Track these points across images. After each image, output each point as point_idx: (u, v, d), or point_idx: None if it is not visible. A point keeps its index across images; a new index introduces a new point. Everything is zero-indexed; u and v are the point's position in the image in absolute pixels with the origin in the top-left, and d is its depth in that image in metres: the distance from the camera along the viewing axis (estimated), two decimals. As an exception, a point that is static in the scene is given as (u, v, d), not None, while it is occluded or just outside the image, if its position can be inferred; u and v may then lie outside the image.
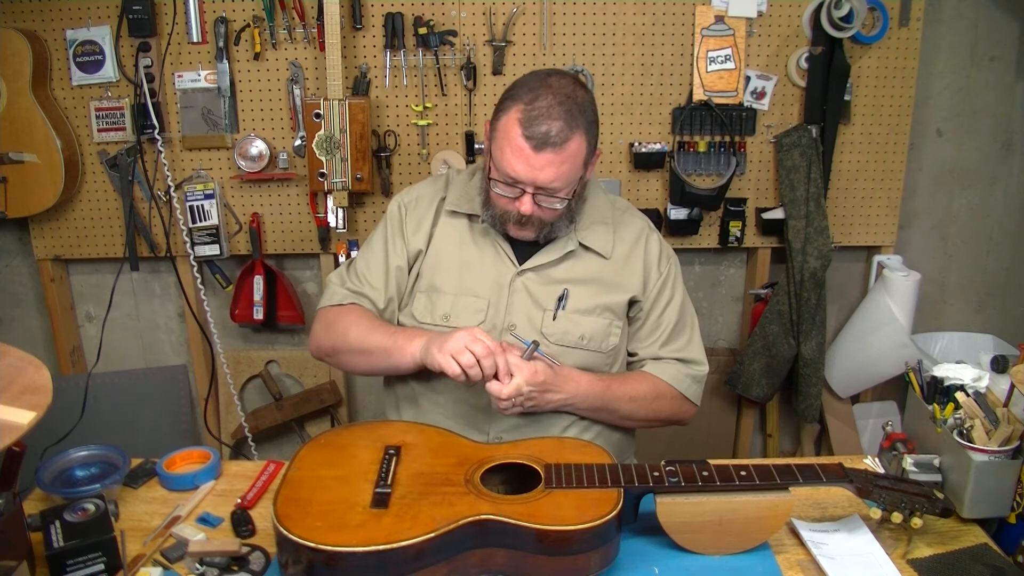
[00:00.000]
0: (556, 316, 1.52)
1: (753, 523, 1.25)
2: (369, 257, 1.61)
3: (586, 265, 1.55)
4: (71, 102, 2.32)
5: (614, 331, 1.56)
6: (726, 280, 2.67)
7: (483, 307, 1.52)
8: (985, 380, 1.48)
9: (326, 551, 1.10)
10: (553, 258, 1.54)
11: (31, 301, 2.60)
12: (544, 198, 1.43)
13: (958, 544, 1.31)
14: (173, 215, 2.38)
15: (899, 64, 2.38)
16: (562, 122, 1.37)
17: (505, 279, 1.53)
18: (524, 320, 1.52)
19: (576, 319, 1.53)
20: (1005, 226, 2.66)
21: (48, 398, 1.17)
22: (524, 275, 1.54)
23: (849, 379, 2.57)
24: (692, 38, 2.33)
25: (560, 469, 1.26)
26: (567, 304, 1.53)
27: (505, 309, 1.52)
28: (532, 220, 1.45)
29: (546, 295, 1.53)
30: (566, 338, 1.52)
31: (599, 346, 1.54)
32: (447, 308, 1.53)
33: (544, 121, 1.36)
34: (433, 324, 1.53)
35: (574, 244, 1.54)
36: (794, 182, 2.39)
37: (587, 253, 1.56)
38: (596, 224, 1.57)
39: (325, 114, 2.21)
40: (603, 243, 1.56)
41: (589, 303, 1.54)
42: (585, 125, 1.40)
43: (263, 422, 2.58)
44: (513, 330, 1.51)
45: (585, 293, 1.54)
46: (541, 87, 1.39)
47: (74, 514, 1.24)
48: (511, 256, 1.54)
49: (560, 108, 1.37)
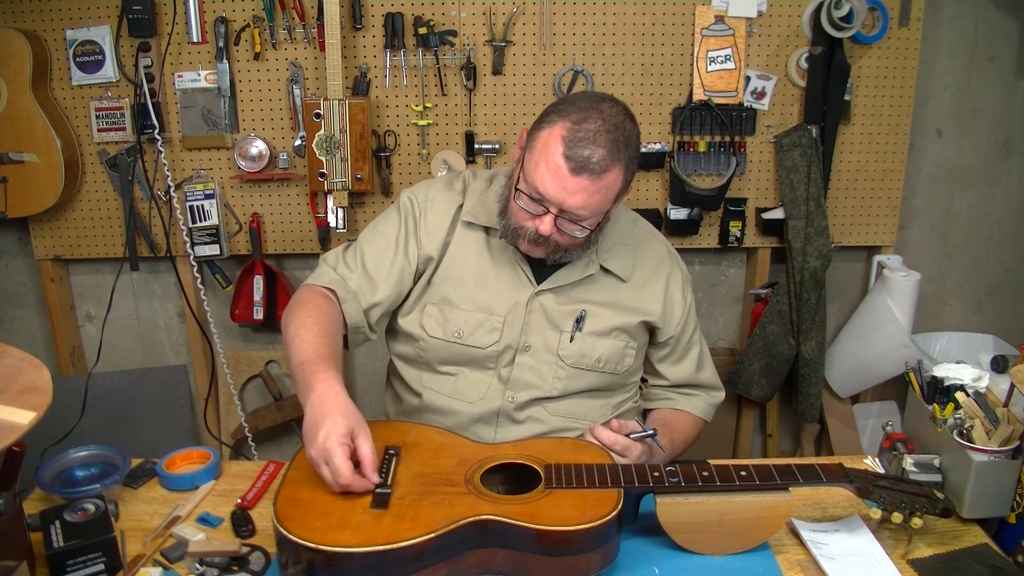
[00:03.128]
0: (573, 338, 1.50)
1: (753, 523, 1.25)
2: (378, 251, 1.54)
3: (605, 287, 1.53)
4: (71, 102, 2.32)
5: (629, 352, 1.54)
6: (726, 280, 2.67)
7: (498, 326, 1.49)
8: (985, 380, 1.48)
9: (326, 551, 1.10)
10: (573, 280, 1.50)
11: (31, 301, 2.60)
12: (566, 223, 1.37)
13: (958, 544, 1.31)
14: (173, 215, 2.38)
15: (899, 64, 2.38)
16: (605, 151, 1.31)
17: (522, 298, 1.50)
18: (540, 341, 1.50)
19: (593, 341, 1.51)
20: (1005, 226, 2.66)
21: (48, 398, 1.17)
22: (543, 295, 1.50)
23: (849, 379, 2.57)
24: (692, 38, 2.33)
25: (560, 469, 1.25)
26: (584, 326, 1.50)
27: (521, 329, 1.50)
28: (547, 241, 1.40)
29: (563, 316, 1.50)
30: (583, 360, 1.51)
31: (615, 368, 1.53)
32: (460, 325, 1.50)
33: (588, 145, 1.30)
34: (445, 340, 1.51)
35: (595, 268, 1.51)
36: (794, 182, 2.39)
37: (607, 276, 1.53)
38: (618, 246, 1.54)
39: (325, 114, 2.21)
40: (623, 266, 1.54)
41: (606, 325, 1.51)
42: (627, 160, 1.35)
43: (263, 422, 2.58)
44: (528, 351, 1.50)
45: (603, 315, 1.51)
46: (592, 110, 1.33)
47: (74, 514, 1.24)
48: (529, 275, 1.50)
49: (607, 136, 1.31)
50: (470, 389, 1.52)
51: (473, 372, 1.52)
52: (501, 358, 1.51)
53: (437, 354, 1.53)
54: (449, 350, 1.52)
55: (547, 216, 1.36)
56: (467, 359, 1.52)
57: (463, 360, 1.52)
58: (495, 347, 1.50)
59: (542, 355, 1.50)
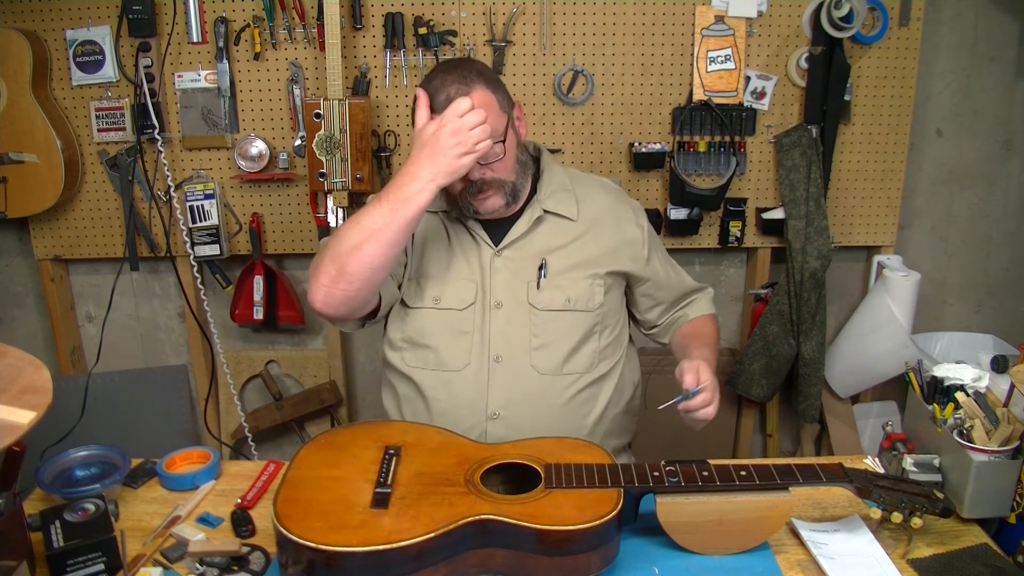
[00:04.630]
0: (540, 285, 1.56)
1: (753, 523, 1.25)
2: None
3: (557, 231, 1.60)
4: (71, 102, 2.32)
5: (597, 289, 1.59)
6: (726, 280, 2.67)
7: (472, 287, 1.56)
8: (985, 380, 1.48)
9: (326, 551, 1.10)
10: (523, 230, 1.57)
11: (31, 301, 2.60)
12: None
13: (958, 544, 1.31)
14: (173, 215, 2.38)
15: (899, 64, 2.38)
16: (457, 84, 1.43)
17: (486, 261, 1.57)
18: (510, 296, 1.56)
19: (559, 283, 1.57)
20: (1005, 226, 2.66)
21: (48, 398, 1.17)
22: (502, 253, 1.57)
23: (849, 379, 2.57)
24: (692, 38, 2.33)
25: (560, 469, 1.26)
26: (547, 272, 1.57)
27: (489, 289, 1.56)
28: (488, 183, 1.48)
29: (527, 269, 1.57)
30: (553, 303, 1.56)
31: (586, 305, 1.58)
32: (437, 291, 1.57)
33: (442, 90, 1.43)
34: (423, 307, 1.57)
35: (539, 211, 1.58)
36: (794, 182, 2.39)
37: (555, 219, 1.60)
38: (557, 192, 1.61)
39: (325, 114, 2.21)
40: (567, 207, 1.60)
41: (567, 264, 1.58)
42: (484, 80, 1.46)
43: (263, 422, 2.58)
44: (500, 307, 1.55)
45: (562, 257, 1.58)
46: (435, 71, 1.49)
47: (74, 514, 1.24)
48: (487, 240, 1.58)
49: (453, 75, 1.44)
50: (455, 358, 1.56)
51: (454, 339, 1.56)
52: (476, 319, 1.55)
53: (417, 326, 1.58)
54: (429, 317, 1.57)
55: None
56: (446, 325, 1.56)
57: (443, 328, 1.56)
58: (471, 309, 1.55)
59: (513, 308, 1.55)
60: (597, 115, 2.38)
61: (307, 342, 2.65)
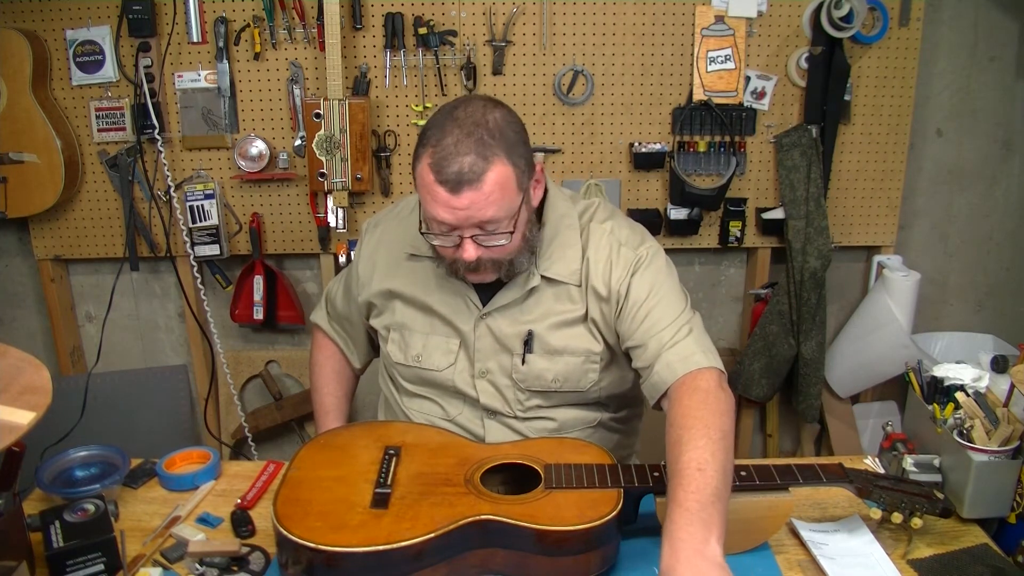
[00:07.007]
0: (525, 360, 1.41)
1: (753, 523, 1.25)
2: (344, 303, 1.64)
3: (553, 298, 1.41)
4: (71, 102, 2.32)
5: (591, 367, 1.43)
6: (726, 280, 2.67)
7: (454, 348, 1.45)
8: (985, 380, 1.47)
9: (326, 551, 1.10)
10: (514, 297, 1.40)
11: (31, 301, 2.60)
12: (484, 237, 1.27)
13: (958, 544, 1.31)
14: (173, 215, 2.38)
15: (899, 64, 2.38)
16: (473, 155, 1.21)
17: (470, 324, 1.43)
18: (496, 366, 1.43)
19: (545, 362, 1.41)
20: (1005, 226, 2.66)
21: (48, 398, 1.17)
22: (488, 317, 1.42)
23: (849, 379, 2.57)
24: (692, 38, 2.33)
25: (560, 469, 1.25)
26: (534, 347, 1.41)
27: (475, 354, 1.44)
28: (484, 263, 1.30)
29: (512, 338, 1.41)
30: (539, 383, 1.42)
31: (575, 386, 1.43)
32: (419, 349, 1.46)
33: (454, 160, 1.21)
34: (406, 365, 1.48)
35: (536, 279, 1.39)
36: (794, 182, 2.39)
37: (555, 285, 1.40)
38: (562, 248, 1.40)
39: (325, 114, 2.21)
40: (571, 270, 1.39)
41: (558, 343, 1.40)
42: (504, 149, 1.24)
43: (263, 422, 2.58)
44: (486, 375, 1.43)
45: (552, 333, 1.40)
46: (447, 122, 1.24)
47: (74, 514, 1.24)
48: (474, 299, 1.42)
49: (469, 140, 1.22)
50: (448, 405, 1.49)
51: (444, 397, 1.49)
52: (462, 381, 1.45)
53: (407, 377, 1.52)
54: (413, 374, 1.50)
55: (465, 242, 1.28)
56: (432, 383, 1.49)
57: (431, 384, 1.49)
58: (450, 370, 1.45)
59: (500, 379, 1.44)
60: (597, 115, 2.38)
61: (307, 342, 2.65)
